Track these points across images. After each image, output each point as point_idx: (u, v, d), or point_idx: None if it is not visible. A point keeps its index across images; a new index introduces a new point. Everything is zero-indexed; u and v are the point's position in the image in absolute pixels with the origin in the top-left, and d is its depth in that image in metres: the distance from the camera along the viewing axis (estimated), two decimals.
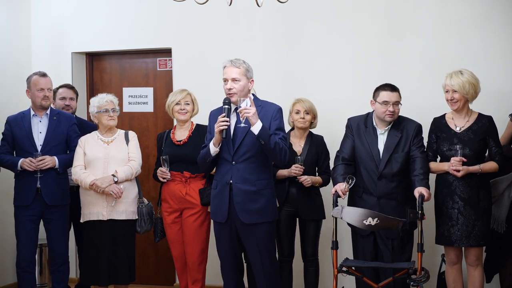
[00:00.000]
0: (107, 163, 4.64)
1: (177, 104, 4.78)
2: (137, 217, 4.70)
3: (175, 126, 4.90)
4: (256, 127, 3.97)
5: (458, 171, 4.20)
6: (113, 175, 4.59)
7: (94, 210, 4.63)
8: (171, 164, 4.68)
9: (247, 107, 3.96)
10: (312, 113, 4.73)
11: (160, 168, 4.73)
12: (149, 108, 5.99)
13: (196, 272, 4.76)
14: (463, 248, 4.36)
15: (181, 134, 4.82)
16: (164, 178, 4.73)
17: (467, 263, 4.37)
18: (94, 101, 4.75)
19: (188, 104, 4.78)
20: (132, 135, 4.82)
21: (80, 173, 4.63)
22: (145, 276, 5.98)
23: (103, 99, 4.72)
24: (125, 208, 4.65)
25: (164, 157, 4.67)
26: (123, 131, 4.83)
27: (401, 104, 4.38)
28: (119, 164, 4.65)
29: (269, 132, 4.02)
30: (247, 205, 4.09)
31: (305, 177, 4.59)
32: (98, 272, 4.62)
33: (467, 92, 4.27)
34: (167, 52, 5.89)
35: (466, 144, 4.27)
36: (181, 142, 4.75)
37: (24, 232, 4.81)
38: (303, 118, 4.70)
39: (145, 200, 4.78)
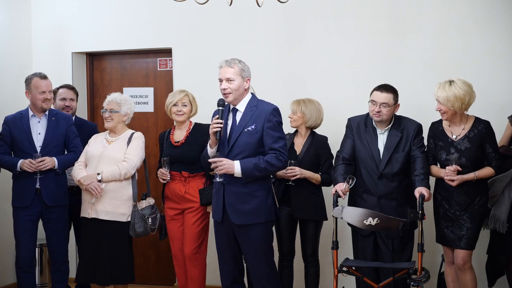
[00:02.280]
0: (99, 162, 4.63)
1: (174, 105, 4.78)
2: (128, 220, 4.63)
3: (174, 126, 4.90)
4: (237, 173, 4.01)
5: (453, 180, 4.19)
6: (98, 174, 4.57)
7: (84, 207, 4.67)
8: (171, 164, 4.69)
9: (218, 164, 3.99)
10: (300, 113, 4.69)
11: (160, 170, 4.75)
12: (150, 108, 6.00)
13: (193, 267, 4.74)
14: None
15: (179, 135, 4.82)
16: (164, 180, 4.74)
17: (456, 267, 4.34)
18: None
19: (185, 105, 4.77)
20: (136, 136, 4.77)
21: (75, 169, 4.68)
22: (145, 276, 5.98)
23: (106, 99, 4.76)
24: (112, 209, 4.60)
25: (164, 159, 4.68)
26: (131, 132, 4.78)
27: (391, 107, 4.32)
28: (110, 163, 4.61)
29: (250, 167, 4.00)
30: (238, 206, 4.07)
31: (292, 169, 4.56)
32: (80, 269, 4.67)
33: (452, 105, 4.18)
34: (167, 52, 5.89)
35: (462, 154, 4.25)
36: (179, 143, 4.76)
37: (23, 233, 4.81)
38: (291, 117, 4.72)
39: (144, 203, 4.70)
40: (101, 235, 4.59)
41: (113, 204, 4.60)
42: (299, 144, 4.76)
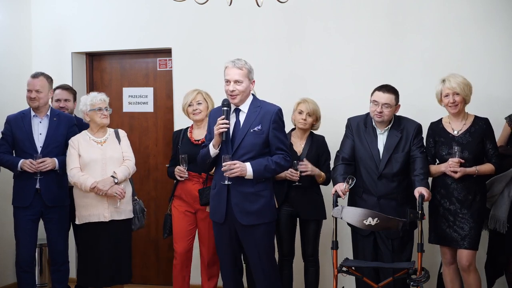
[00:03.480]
0: (105, 164, 4.63)
1: (189, 105, 4.78)
2: (133, 215, 4.75)
3: (192, 125, 4.88)
4: (249, 175, 4.02)
5: (456, 172, 4.20)
6: (113, 177, 4.59)
7: (94, 212, 4.60)
8: (189, 163, 4.66)
9: (230, 168, 3.98)
10: (315, 116, 4.71)
11: (178, 167, 4.70)
12: (149, 108, 5.99)
13: (213, 269, 4.78)
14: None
15: (199, 133, 4.79)
16: (181, 177, 4.71)
17: (460, 268, 4.35)
18: (87, 99, 4.73)
19: (200, 103, 4.76)
20: (123, 134, 4.83)
21: (78, 175, 4.59)
22: (145, 276, 5.98)
23: (96, 98, 4.71)
24: (124, 207, 4.67)
25: (183, 156, 4.65)
26: (113, 130, 4.82)
27: (393, 107, 4.34)
28: (115, 164, 4.65)
29: (261, 169, 4.04)
30: (245, 206, 4.08)
31: (305, 166, 4.55)
32: (99, 273, 4.61)
33: (466, 93, 4.29)
34: (167, 52, 5.89)
35: (465, 147, 4.27)
36: (200, 141, 4.71)
37: (23, 232, 4.81)
38: (305, 119, 4.68)
39: (136, 198, 4.86)
40: (118, 235, 4.63)
41: (124, 203, 4.66)
42: (298, 144, 4.76)
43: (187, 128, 4.89)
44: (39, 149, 4.81)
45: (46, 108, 4.91)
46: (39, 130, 4.87)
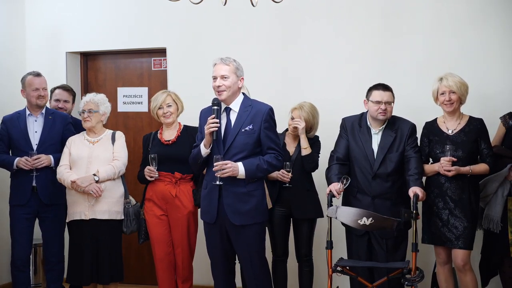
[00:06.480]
0: (90, 162, 4.64)
1: (159, 108, 4.74)
2: (122, 217, 4.69)
3: (162, 127, 4.86)
4: (241, 175, 4.01)
5: (449, 171, 4.22)
6: (94, 175, 4.58)
7: (77, 209, 4.63)
8: (161, 163, 4.64)
9: (222, 168, 3.96)
10: (309, 124, 4.67)
11: (148, 167, 4.68)
12: (144, 108, 5.98)
13: (187, 271, 4.77)
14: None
15: (169, 134, 4.78)
16: (151, 177, 4.68)
17: (456, 268, 4.36)
18: (82, 101, 4.79)
19: (170, 106, 4.74)
20: (119, 135, 4.82)
21: (63, 172, 4.64)
22: (139, 276, 5.97)
23: (83, 100, 4.77)
24: (108, 208, 4.64)
25: (152, 156, 4.63)
26: (111, 132, 4.82)
27: (393, 103, 4.38)
28: (102, 163, 4.64)
29: (253, 168, 4.02)
30: (237, 206, 4.06)
31: (297, 122, 4.59)
32: (82, 271, 4.63)
33: (462, 93, 4.32)
34: (161, 52, 5.88)
35: (459, 146, 4.29)
36: (170, 142, 4.73)
37: (19, 231, 4.83)
38: (295, 128, 4.68)
39: (133, 200, 4.78)
40: (99, 235, 4.62)
41: (108, 203, 4.63)
42: (291, 145, 4.75)
43: (157, 131, 4.87)
44: (34, 147, 4.84)
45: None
46: (35, 128, 4.90)
